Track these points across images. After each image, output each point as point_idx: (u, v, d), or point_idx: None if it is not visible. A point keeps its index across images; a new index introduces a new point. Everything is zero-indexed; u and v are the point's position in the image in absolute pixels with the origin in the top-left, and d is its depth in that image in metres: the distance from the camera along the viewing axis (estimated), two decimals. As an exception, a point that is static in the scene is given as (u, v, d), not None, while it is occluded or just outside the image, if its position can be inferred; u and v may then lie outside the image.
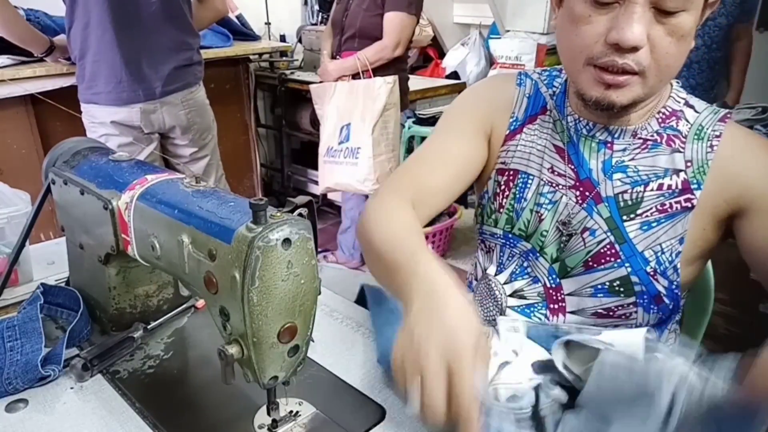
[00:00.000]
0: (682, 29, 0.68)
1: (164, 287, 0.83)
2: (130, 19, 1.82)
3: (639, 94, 0.72)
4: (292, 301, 0.55)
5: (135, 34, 1.84)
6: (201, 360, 0.78)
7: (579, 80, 0.75)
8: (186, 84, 1.99)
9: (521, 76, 0.92)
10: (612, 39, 0.68)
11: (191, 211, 0.60)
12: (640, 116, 0.79)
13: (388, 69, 2.34)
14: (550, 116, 0.87)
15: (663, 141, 0.79)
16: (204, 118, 2.10)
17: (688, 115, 0.80)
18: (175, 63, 1.93)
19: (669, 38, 0.68)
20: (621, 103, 0.72)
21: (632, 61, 0.68)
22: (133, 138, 1.93)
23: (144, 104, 1.90)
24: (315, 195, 3.08)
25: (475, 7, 3.70)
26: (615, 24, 0.68)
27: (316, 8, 3.61)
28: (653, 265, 0.79)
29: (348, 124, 2.37)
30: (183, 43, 1.95)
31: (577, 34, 0.71)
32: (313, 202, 0.63)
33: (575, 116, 0.83)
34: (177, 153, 2.10)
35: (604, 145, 0.81)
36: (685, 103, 0.81)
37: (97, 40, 1.81)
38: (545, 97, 0.88)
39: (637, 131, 0.80)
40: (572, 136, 0.83)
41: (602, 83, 0.72)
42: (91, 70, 1.85)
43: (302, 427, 0.64)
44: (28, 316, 0.75)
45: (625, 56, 0.68)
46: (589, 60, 0.72)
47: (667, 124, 0.80)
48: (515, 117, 0.89)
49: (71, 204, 0.77)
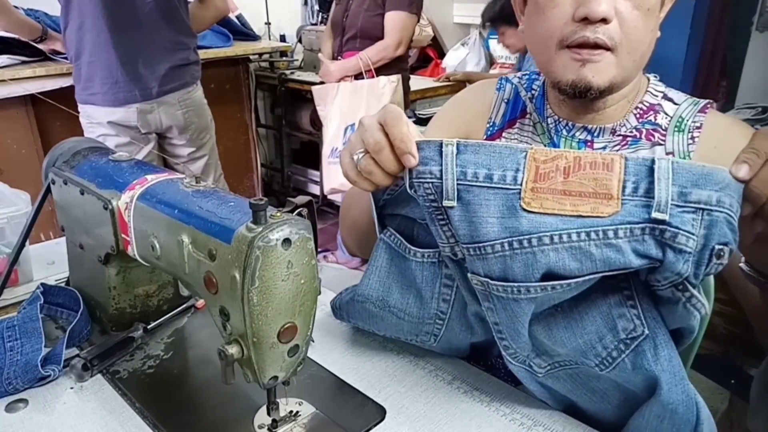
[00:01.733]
0: (647, 2, 0.70)
1: (164, 287, 0.83)
2: (125, 20, 1.82)
3: (614, 75, 0.72)
4: (292, 301, 0.55)
5: (130, 35, 1.84)
6: (201, 360, 0.78)
7: (554, 67, 0.74)
8: (183, 84, 1.99)
9: (502, 80, 0.92)
10: (580, 14, 0.69)
11: (191, 211, 0.60)
12: (618, 112, 0.79)
13: (390, 69, 2.34)
14: (530, 119, 0.87)
15: (643, 136, 0.79)
16: (201, 117, 2.09)
17: (667, 108, 0.80)
18: (171, 63, 1.93)
19: (636, 12, 0.69)
20: (597, 84, 0.72)
21: (603, 35, 0.69)
22: (130, 138, 1.94)
23: (140, 104, 1.90)
24: (315, 195, 3.08)
25: (475, 7, 3.68)
26: (581, 1, 0.69)
27: (316, 8, 3.61)
28: None
29: (352, 125, 2.36)
30: (179, 42, 1.95)
31: (546, 20, 0.73)
32: (313, 202, 0.63)
33: (555, 117, 0.83)
34: (175, 153, 2.10)
35: (585, 144, 0.81)
36: (663, 96, 0.81)
37: (92, 40, 1.81)
38: (524, 100, 0.88)
39: (615, 128, 0.80)
40: (552, 137, 0.83)
41: (577, 61, 0.72)
42: (87, 70, 1.85)
43: (302, 427, 0.64)
44: (28, 316, 0.75)
45: (596, 30, 0.69)
46: (561, 42, 0.72)
47: (646, 119, 0.80)
48: (492, 122, 0.89)
49: (71, 204, 0.77)
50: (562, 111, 0.82)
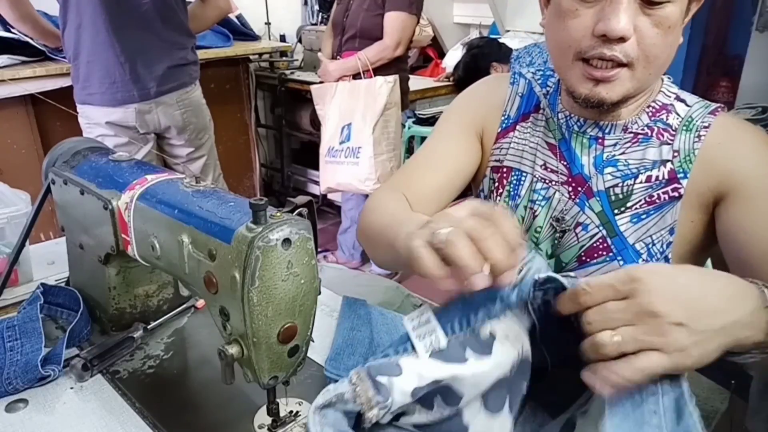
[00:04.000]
0: (669, 20, 0.69)
1: (164, 287, 0.83)
2: (123, 20, 1.82)
3: (628, 89, 0.72)
4: (292, 301, 0.55)
5: (128, 35, 1.84)
6: (201, 360, 0.78)
7: (568, 77, 0.76)
8: (181, 84, 1.99)
9: (515, 75, 0.93)
10: (599, 30, 0.69)
11: (191, 211, 0.60)
12: (630, 111, 0.80)
13: (389, 69, 2.34)
14: (543, 114, 0.88)
15: (653, 134, 0.80)
16: (200, 118, 2.09)
17: (679, 108, 0.81)
18: (169, 63, 1.93)
19: (655, 29, 0.69)
20: (611, 99, 0.73)
21: (620, 53, 0.69)
22: (129, 138, 1.94)
23: (139, 104, 1.90)
24: (315, 195, 3.08)
25: (475, 7, 3.69)
26: (602, 16, 0.69)
27: (316, 8, 3.61)
28: (645, 258, 0.79)
29: (349, 124, 2.37)
30: (176, 42, 1.95)
31: (565, 28, 0.73)
32: (313, 202, 0.63)
33: (566, 113, 0.84)
34: (173, 153, 2.11)
35: (596, 140, 0.82)
36: (676, 98, 0.82)
37: (91, 40, 1.81)
38: (539, 96, 0.90)
39: (627, 126, 0.80)
40: (564, 133, 0.84)
41: (591, 79, 0.72)
42: (85, 70, 1.85)
43: (302, 427, 0.64)
44: (28, 316, 0.75)
45: (612, 48, 0.69)
46: (578, 54, 0.72)
47: (658, 118, 0.80)
48: (507, 115, 0.91)
49: (71, 204, 0.77)
50: (574, 109, 0.83)
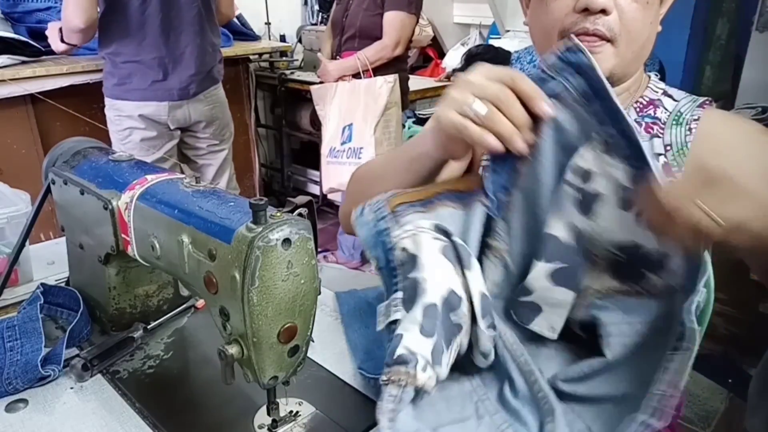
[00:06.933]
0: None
1: (164, 287, 0.83)
2: (175, 24, 1.88)
3: (613, 65, 0.73)
4: (292, 301, 0.55)
5: (176, 38, 1.90)
6: (201, 360, 0.78)
7: None
8: (213, 81, 2.07)
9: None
10: (581, 5, 0.71)
11: (191, 211, 0.60)
12: None
13: (389, 68, 2.34)
14: None
15: (642, 129, 0.81)
16: (225, 114, 2.18)
17: (666, 103, 0.82)
18: (209, 65, 2.01)
19: (634, 4, 0.71)
20: None
21: (603, 26, 0.71)
22: (157, 133, 1.98)
23: (175, 101, 1.96)
24: (315, 195, 3.07)
25: (475, 7, 3.69)
26: None
27: (316, 8, 3.61)
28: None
29: (350, 125, 2.37)
30: (214, 44, 2.04)
31: (548, 11, 0.74)
32: (313, 202, 0.63)
33: None
34: (197, 146, 2.17)
35: None
36: (663, 93, 0.83)
37: (137, 42, 1.85)
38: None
39: None
40: None
41: None
42: (128, 69, 1.89)
43: (302, 427, 0.64)
44: (28, 316, 0.75)
45: (595, 22, 0.71)
46: (562, 33, 0.74)
47: (646, 113, 0.81)
48: None
49: (71, 204, 0.77)
50: None
